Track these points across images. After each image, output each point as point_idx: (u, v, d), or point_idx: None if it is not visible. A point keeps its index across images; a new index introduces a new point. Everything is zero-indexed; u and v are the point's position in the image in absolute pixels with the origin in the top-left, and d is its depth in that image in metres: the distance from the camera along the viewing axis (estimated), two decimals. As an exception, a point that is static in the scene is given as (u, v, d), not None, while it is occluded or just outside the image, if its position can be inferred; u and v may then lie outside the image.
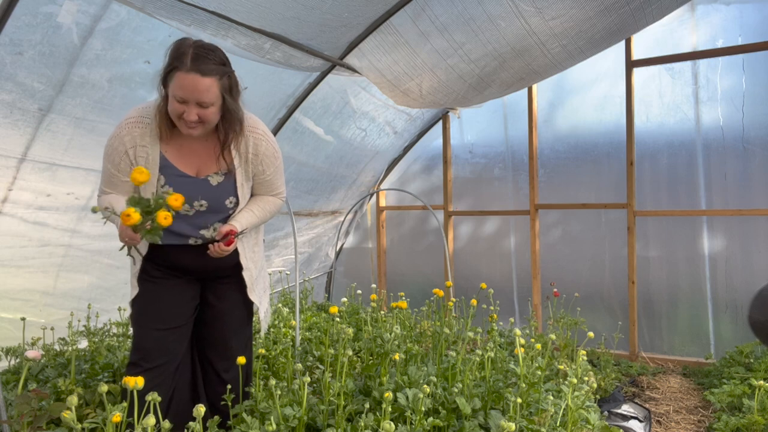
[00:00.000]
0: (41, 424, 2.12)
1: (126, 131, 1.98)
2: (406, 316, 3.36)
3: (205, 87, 1.87)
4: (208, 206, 2.08)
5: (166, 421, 1.70)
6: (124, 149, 1.98)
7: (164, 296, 2.16)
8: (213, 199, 2.08)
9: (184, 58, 1.85)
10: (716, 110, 4.17)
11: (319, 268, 5.55)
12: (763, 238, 4.05)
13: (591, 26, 3.42)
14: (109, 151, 2.00)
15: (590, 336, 2.98)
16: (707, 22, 4.16)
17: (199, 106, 1.89)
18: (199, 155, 2.07)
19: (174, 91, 1.87)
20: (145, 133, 1.98)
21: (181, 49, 1.87)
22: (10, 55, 2.41)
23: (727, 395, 3.17)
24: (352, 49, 3.46)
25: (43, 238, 3.17)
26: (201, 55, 1.87)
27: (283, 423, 2.04)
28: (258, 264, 2.32)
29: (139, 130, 1.98)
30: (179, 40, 1.94)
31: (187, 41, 1.91)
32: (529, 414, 2.36)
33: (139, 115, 2.00)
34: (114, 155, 1.99)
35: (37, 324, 3.27)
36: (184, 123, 1.92)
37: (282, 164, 2.24)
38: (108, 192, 2.07)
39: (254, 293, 2.28)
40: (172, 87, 1.87)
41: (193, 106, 1.89)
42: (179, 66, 1.85)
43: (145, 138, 1.98)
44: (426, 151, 5.46)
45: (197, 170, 2.07)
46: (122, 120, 2.01)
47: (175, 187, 1.99)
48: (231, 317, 2.29)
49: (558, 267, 4.77)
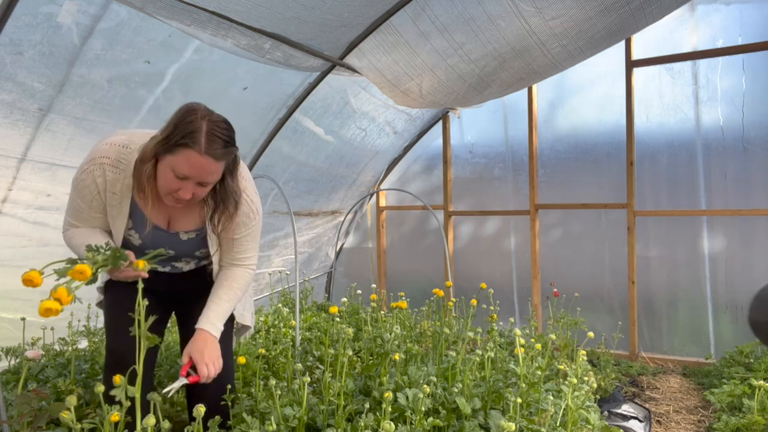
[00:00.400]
0: (41, 424, 2.11)
1: (99, 172, 1.80)
2: (406, 316, 3.36)
3: (214, 170, 1.74)
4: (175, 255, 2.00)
5: (166, 421, 1.70)
6: (96, 190, 1.83)
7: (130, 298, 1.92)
8: (182, 252, 2.00)
9: (197, 136, 1.67)
10: (716, 110, 4.17)
11: (319, 268, 5.55)
12: (763, 238, 4.05)
13: (591, 26, 3.42)
14: (80, 186, 1.83)
15: (590, 336, 2.99)
16: (707, 22, 4.16)
17: (198, 185, 1.75)
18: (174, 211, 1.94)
19: (177, 167, 1.69)
20: (117, 180, 1.81)
21: (194, 124, 1.68)
22: (10, 55, 2.41)
23: (727, 395, 3.17)
24: (352, 49, 3.46)
25: (43, 238, 3.17)
26: (216, 135, 1.70)
27: (283, 423, 2.04)
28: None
29: (112, 175, 1.81)
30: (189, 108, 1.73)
31: (199, 112, 1.71)
32: (529, 414, 2.36)
33: (116, 157, 1.81)
34: (86, 193, 1.84)
35: (37, 324, 3.27)
36: (174, 199, 1.78)
37: (259, 230, 2.06)
38: (76, 225, 1.92)
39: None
40: (176, 162, 1.69)
41: (192, 185, 1.73)
42: (192, 145, 1.67)
43: (117, 185, 1.82)
44: (426, 151, 5.47)
45: (168, 223, 1.95)
46: (96, 154, 1.82)
47: (142, 235, 1.91)
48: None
49: (558, 267, 4.77)
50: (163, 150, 1.71)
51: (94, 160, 1.81)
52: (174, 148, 1.68)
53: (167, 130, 1.71)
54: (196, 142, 1.66)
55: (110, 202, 1.85)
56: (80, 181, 1.84)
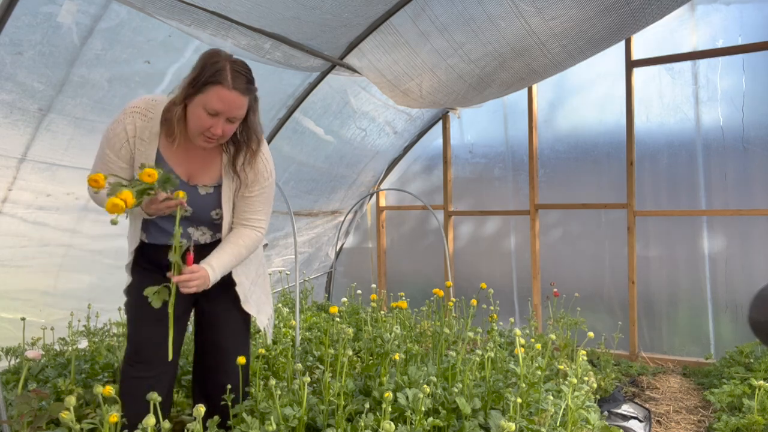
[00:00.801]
0: (41, 424, 2.12)
1: (129, 120, 1.93)
2: (406, 316, 3.36)
3: (242, 104, 1.88)
4: (192, 213, 2.05)
5: (166, 422, 1.70)
6: (126, 137, 1.94)
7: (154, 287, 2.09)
8: (198, 208, 2.05)
9: (224, 73, 1.83)
10: (716, 110, 4.17)
11: (319, 268, 5.55)
12: (763, 238, 4.05)
13: (591, 26, 3.42)
14: (111, 136, 1.94)
15: (590, 336, 2.99)
16: (707, 22, 4.16)
17: (227, 122, 1.88)
18: (195, 162, 2.03)
19: (209, 103, 1.83)
20: (146, 128, 1.94)
21: (219, 64, 1.84)
22: (10, 55, 2.41)
23: (727, 395, 3.17)
24: (352, 49, 3.46)
25: (43, 238, 3.17)
26: (240, 72, 1.86)
27: (283, 423, 2.04)
28: (251, 277, 2.25)
29: (141, 123, 1.93)
30: (212, 51, 1.90)
31: (222, 54, 1.88)
32: (529, 414, 2.36)
33: (145, 107, 1.95)
34: (115, 141, 1.94)
35: (37, 324, 3.27)
36: (205, 137, 1.89)
37: (272, 194, 2.17)
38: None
39: (248, 304, 2.22)
40: (207, 100, 1.83)
41: (222, 121, 1.87)
42: (221, 81, 1.82)
43: (145, 132, 1.94)
44: (426, 151, 5.46)
45: (189, 176, 2.03)
46: (127, 106, 1.96)
47: None
48: (226, 322, 2.23)
49: (558, 267, 4.77)
50: (193, 91, 1.84)
51: (124, 111, 1.95)
52: (203, 86, 1.82)
53: (194, 73, 1.85)
54: (223, 78, 1.81)
55: (138, 149, 1.95)
56: (110, 131, 1.95)
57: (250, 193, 2.08)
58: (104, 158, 1.98)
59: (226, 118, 1.86)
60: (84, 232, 3.32)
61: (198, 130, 1.88)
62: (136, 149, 1.95)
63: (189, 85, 1.85)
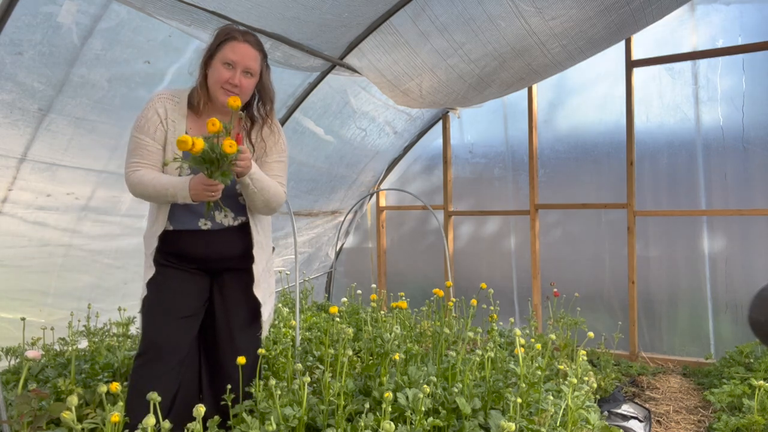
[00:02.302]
0: (41, 424, 2.12)
1: (159, 103, 2.12)
2: (406, 316, 3.36)
3: (254, 56, 2.10)
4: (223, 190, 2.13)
5: (167, 422, 1.70)
6: (159, 119, 2.10)
7: (173, 285, 2.19)
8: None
9: (235, 32, 2.10)
10: (716, 110, 4.17)
11: (319, 268, 5.55)
12: (763, 238, 4.05)
13: (591, 26, 3.42)
14: (143, 123, 2.10)
15: (590, 336, 2.98)
16: (707, 22, 4.16)
17: (244, 74, 2.08)
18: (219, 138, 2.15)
19: (225, 55, 2.06)
20: (175, 110, 2.13)
21: (231, 29, 2.12)
22: (10, 55, 2.41)
23: (727, 395, 3.17)
24: (352, 49, 3.46)
25: (43, 238, 3.17)
26: (247, 33, 2.13)
27: (283, 423, 2.04)
28: (263, 261, 2.33)
29: (171, 105, 2.13)
30: (224, 25, 2.19)
31: (233, 26, 2.17)
32: (529, 414, 2.36)
33: (171, 93, 2.15)
34: (149, 125, 2.10)
35: (37, 324, 3.27)
36: (225, 90, 2.07)
37: (287, 160, 2.34)
38: (139, 163, 2.09)
39: (259, 289, 2.28)
40: (222, 53, 2.06)
41: (239, 73, 2.07)
42: (233, 37, 2.08)
43: (175, 113, 2.13)
44: (426, 151, 5.46)
45: None
46: (153, 96, 2.14)
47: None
48: (237, 314, 2.29)
49: (558, 267, 4.77)
50: (210, 55, 2.10)
51: (152, 99, 2.14)
52: (218, 47, 2.08)
53: (209, 42, 2.13)
54: (234, 34, 2.09)
55: (170, 129, 2.12)
56: (142, 118, 2.11)
57: (269, 159, 2.26)
58: (139, 144, 2.10)
59: (241, 70, 2.07)
60: (84, 232, 3.32)
61: (218, 84, 2.07)
62: (169, 129, 2.11)
63: (206, 53, 2.11)
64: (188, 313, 2.20)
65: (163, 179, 2.03)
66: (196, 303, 2.23)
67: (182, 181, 1.99)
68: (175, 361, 2.15)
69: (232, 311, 2.29)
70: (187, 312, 2.20)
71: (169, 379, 2.12)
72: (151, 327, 2.17)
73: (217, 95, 2.09)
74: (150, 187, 2.04)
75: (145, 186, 2.04)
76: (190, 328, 2.22)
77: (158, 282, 2.16)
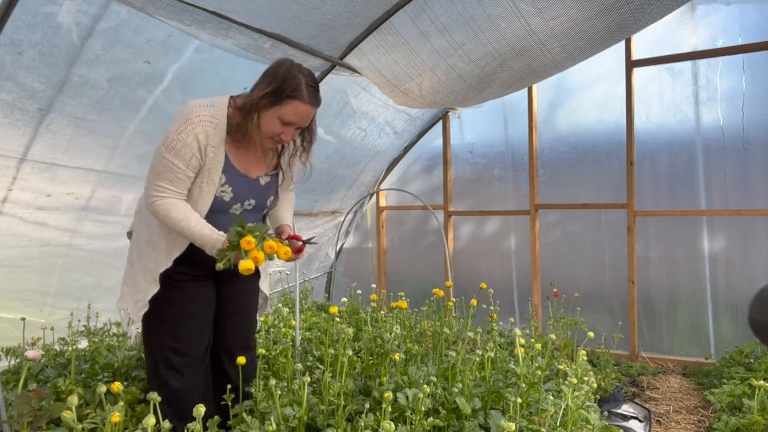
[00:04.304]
0: (41, 424, 2.12)
1: (200, 129, 1.99)
2: (406, 316, 3.36)
3: (312, 115, 2.09)
4: (254, 205, 2.21)
5: (166, 422, 1.70)
6: (197, 146, 1.99)
7: (191, 294, 2.22)
8: (260, 198, 2.22)
9: (301, 88, 2.00)
10: (716, 110, 4.17)
11: (319, 268, 5.55)
12: (763, 238, 4.05)
13: (591, 26, 3.42)
14: (179, 147, 1.97)
15: (590, 336, 2.98)
16: (707, 22, 4.16)
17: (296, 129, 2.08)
18: (252, 156, 2.18)
19: (286, 116, 2.01)
20: (215, 134, 2.02)
21: (297, 79, 2.00)
22: (10, 55, 2.41)
23: (727, 395, 3.17)
24: (352, 49, 3.46)
25: (43, 238, 3.17)
26: (313, 87, 2.05)
27: (283, 423, 2.04)
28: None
29: (211, 130, 2.01)
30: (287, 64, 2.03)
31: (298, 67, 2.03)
32: (529, 414, 2.36)
33: (210, 114, 2.02)
34: (186, 151, 1.98)
35: (37, 324, 3.27)
36: (273, 141, 2.08)
37: None
38: (167, 189, 2.02)
39: (264, 283, 2.43)
40: (284, 112, 2.00)
41: (293, 129, 2.07)
42: (298, 96, 1.99)
43: (215, 138, 2.03)
44: (426, 151, 5.46)
45: (246, 170, 2.17)
46: (190, 114, 2.00)
47: (234, 187, 2.11)
48: (249, 310, 2.42)
49: (558, 267, 4.77)
50: (269, 103, 2.00)
51: (190, 121, 1.99)
52: (283, 100, 1.99)
53: (273, 84, 1.99)
54: (301, 94, 2.00)
55: (208, 155, 2.03)
56: (179, 142, 1.98)
57: (293, 169, 2.32)
58: (170, 168, 2.00)
59: (296, 128, 2.07)
60: (84, 232, 3.32)
61: (267, 134, 2.05)
62: (206, 156, 2.03)
63: (266, 96, 1.99)
64: (211, 315, 2.29)
65: (194, 227, 1.99)
66: (211, 310, 2.30)
67: (215, 240, 1.98)
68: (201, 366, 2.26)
69: (247, 307, 2.41)
70: (210, 315, 2.29)
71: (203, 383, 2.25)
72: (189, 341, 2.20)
73: (263, 142, 2.09)
74: (177, 227, 2.00)
75: (172, 223, 2.01)
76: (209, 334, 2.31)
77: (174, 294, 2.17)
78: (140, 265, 2.19)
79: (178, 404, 2.14)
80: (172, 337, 2.18)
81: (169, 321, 2.19)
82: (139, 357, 3.01)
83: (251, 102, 2.01)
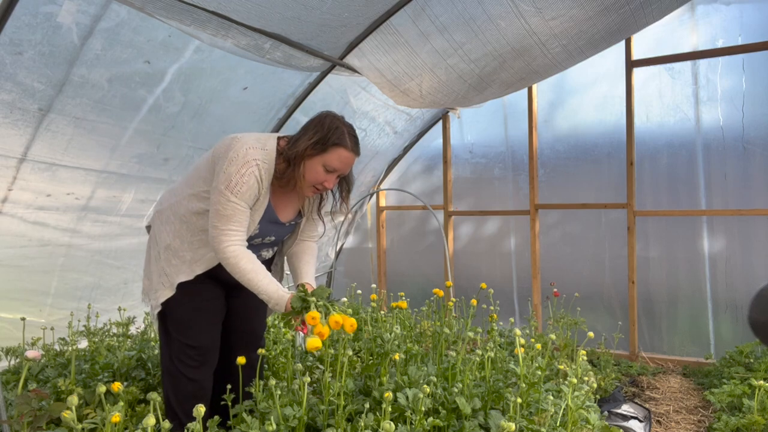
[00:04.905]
0: (41, 424, 2.12)
1: (257, 171, 2.06)
2: (406, 316, 3.36)
3: (353, 162, 2.17)
4: (273, 240, 2.32)
5: (166, 422, 1.70)
6: (257, 187, 2.08)
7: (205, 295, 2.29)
8: (279, 235, 2.32)
9: (344, 137, 2.08)
10: (716, 110, 4.17)
11: (319, 268, 5.55)
12: (763, 238, 4.05)
13: (591, 26, 3.42)
14: (244, 190, 2.04)
15: (590, 336, 2.98)
16: (707, 22, 4.16)
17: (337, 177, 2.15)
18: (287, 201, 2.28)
19: (331, 163, 2.08)
20: (266, 176, 2.10)
21: (341, 129, 2.09)
22: (10, 55, 2.41)
23: (727, 395, 3.17)
24: (352, 49, 3.46)
25: (43, 238, 3.17)
26: (354, 137, 2.14)
27: (283, 423, 2.04)
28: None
29: (264, 170, 2.08)
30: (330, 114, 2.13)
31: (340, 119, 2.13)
32: (529, 414, 2.36)
33: (263, 158, 2.08)
34: (250, 193, 2.06)
35: (37, 324, 3.27)
36: (315, 189, 2.14)
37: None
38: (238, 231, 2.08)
39: None
40: (329, 159, 2.08)
41: (334, 177, 2.13)
42: (343, 143, 2.07)
43: (266, 181, 2.10)
44: (426, 151, 5.46)
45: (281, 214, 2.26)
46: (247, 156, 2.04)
47: (262, 227, 2.18)
48: (260, 309, 2.49)
49: (558, 267, 4.77)
50: (317, 150, 2.07)
51: (248, 163, 2.04)
52: (329, 147, 2.07)
53: (319, 134, 2.07)
54: (345, 142, 2.08)
55: (262, 194, 2.12)
56: (244, 185, 2.04)
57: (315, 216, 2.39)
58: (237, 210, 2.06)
59: (338, 174, 2.13)
60: (84, 232, 3.32)
61: (311, 183, 2.12)
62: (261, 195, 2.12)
63: (312, 145, 2.06)
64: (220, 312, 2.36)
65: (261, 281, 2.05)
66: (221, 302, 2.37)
67: (280, 296, 2.04)
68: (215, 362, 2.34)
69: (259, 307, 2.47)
70: (219, 311, 2.35)
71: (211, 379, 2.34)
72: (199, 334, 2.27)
73: (305, 190, 2.14)
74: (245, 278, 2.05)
75: (241, 273, 2.05)
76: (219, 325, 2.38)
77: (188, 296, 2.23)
78: (157, 266, 2.26)
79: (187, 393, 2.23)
80: (184, 331, 2.25)
81: (182, 315, 2.26)
82: (139, 357, 3.02)
83: (297, 152, 2.08)
